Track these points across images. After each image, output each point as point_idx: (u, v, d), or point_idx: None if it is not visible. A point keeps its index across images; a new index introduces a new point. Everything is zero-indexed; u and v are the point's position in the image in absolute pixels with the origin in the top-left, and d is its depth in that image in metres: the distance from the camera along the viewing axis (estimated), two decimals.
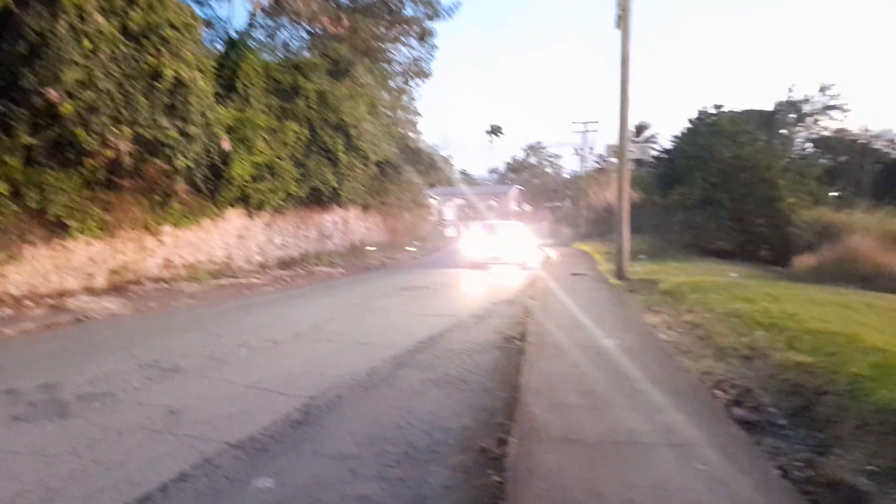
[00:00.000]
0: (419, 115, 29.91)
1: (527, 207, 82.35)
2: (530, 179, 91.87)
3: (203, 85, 12.42)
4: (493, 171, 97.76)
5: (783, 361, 5.40)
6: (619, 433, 3.90)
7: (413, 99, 29.74)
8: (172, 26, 11.50)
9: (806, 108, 40.85)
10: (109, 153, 10.70)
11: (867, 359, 5.08)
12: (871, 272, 13.17)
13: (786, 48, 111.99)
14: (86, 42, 9.85)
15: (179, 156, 11.96)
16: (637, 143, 28.29)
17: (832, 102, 39.69)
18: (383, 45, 25.33)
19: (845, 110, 39.30)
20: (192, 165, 12.54)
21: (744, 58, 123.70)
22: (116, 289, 11.75)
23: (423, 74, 28.28)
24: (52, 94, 9.57)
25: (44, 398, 5.15)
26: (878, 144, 39.81)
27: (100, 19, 10.01)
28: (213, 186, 14.32)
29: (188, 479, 3.56)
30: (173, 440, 4.16)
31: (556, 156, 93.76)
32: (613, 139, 14.06)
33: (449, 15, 25.85)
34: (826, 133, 40.25)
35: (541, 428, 4.01)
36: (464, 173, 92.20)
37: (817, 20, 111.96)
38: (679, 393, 4.77)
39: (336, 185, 19.93)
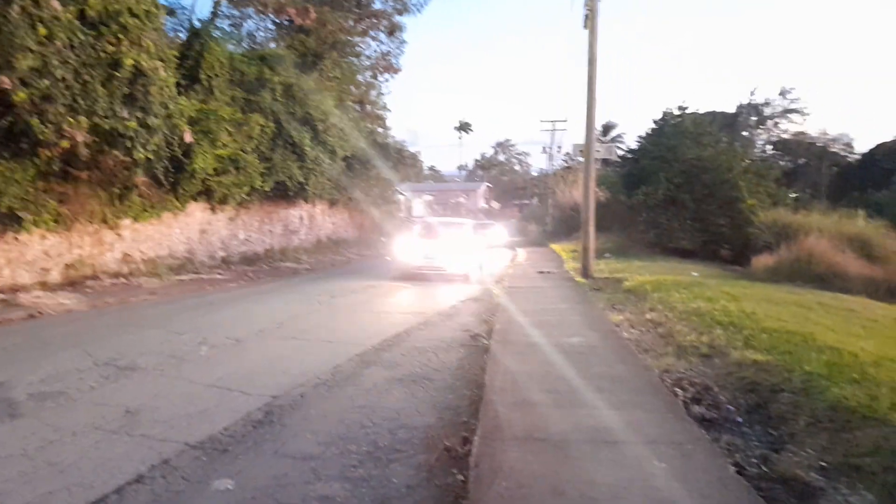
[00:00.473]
0: (388, 110, 29.82)
1: (495, 205, 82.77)
2: (499, 177, 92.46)
3: (164, 75, 12.10)
4: (462, 167, 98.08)
5: (741, 359, 5.53)
6: (582, 431, 3.94)
7: (382, 94, 29.62)
8: (133, 14, 11.16)
9: (767, 111, 41.95)
10: (66, 144, 10.35)
11: (821, 357, 5.24)
12: (826, 272, 13.61)
13: (749, 52, 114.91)
14: (41, 28, 9.49)
15: (139, 147, 11.63)
16: (604, 142, 28.68)
17: (792, 106, 40.85)
18: (352, 39, 25.13)
19: (804, 114, 40.51)
20: (152, 158, 12.21)
21: (709, 60, 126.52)
22: (72, 284, 11.39)
23: (393, 69, 28.19)
24: (5, 81, 9.19)
25: None
26: (835, 147, 41.13)
27: (56, 5, 9.66)
28: (175, 179, 13.97)
29: (145, 481, 3.47)
30: (130, 441, 4.05)
31: (525, 154, 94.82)
32: (581, 138, 14.21)
33: (418, 10, 25.88)
34: (786, 136, 41.38)
35: (505, 426, 4.03)
36: (433, 170, 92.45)
37: (780, 25, 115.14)
38: (641, 391, 4.85)
39: (302, 180, 19.68)
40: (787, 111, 41.17)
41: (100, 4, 10.54)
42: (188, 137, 13.46)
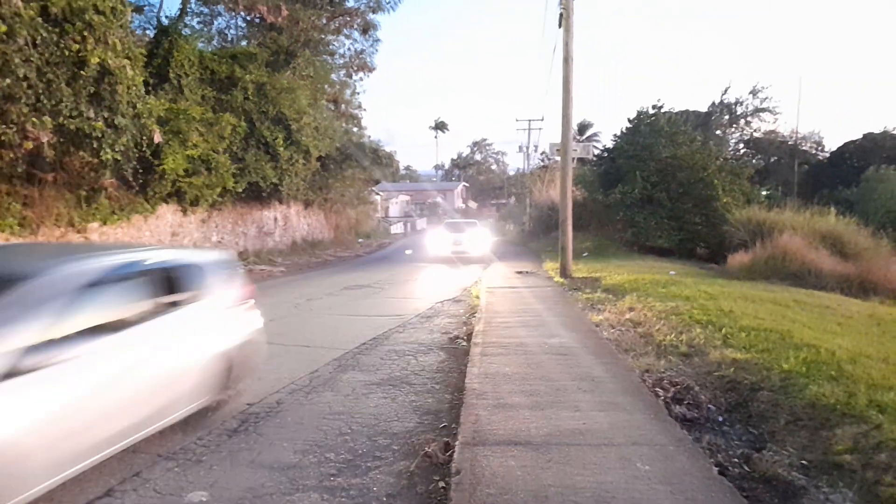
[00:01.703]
0: (363, 109, 29.64)
1: (472, 204, 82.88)
2: (476, 176, 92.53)
3: (132, 73, 11.81)
4: (438, 167, 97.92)
5: (720, 358, 5.54)
6: (563, 434, 3.89)
7: (357, 93, 29.39)
8: (98, 11, 10.87)
9: (738, 109, 42.48)
10: (29, 145, 10.03)
11: (799, 355, 5.27)
12: (800, 269, 13.78)
13: (722, 52, 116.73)
14: (1, 25, 9.18)
15: (107, 148, 11.33)
16: (580, 141, 28.83)
17: (763, 105, 41.43)
18: (325, 37, 24.89)
19: (775, 113, 41.09)
20: (120, 158, 11.90)
21: (682, 60, 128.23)
22: None
23: (367, 68, 27.98)
24: None
25: None
26: (805, 146, 41.85)
27: (17, 1, 9.35)
28: (144, 181, 13.67)
29: (115, 495, 3.36)
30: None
31: (502, 153, 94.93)
32: (558, 137, 14.22)
33: (392, 8, 25.69)
34: (757, 134, 41.98)
35: (486, 430, 3.96)
36: (409, 169, 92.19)
37: (752, 26, 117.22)
38: (622, 391, 4.81)
39: (276, 181, 19.43)
40: (758, 110, 41.74)
41: (63, 1, 10.24)
42: (157, 137, 13.16)
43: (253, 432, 4.30)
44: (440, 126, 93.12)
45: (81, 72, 10.62)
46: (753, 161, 36.88)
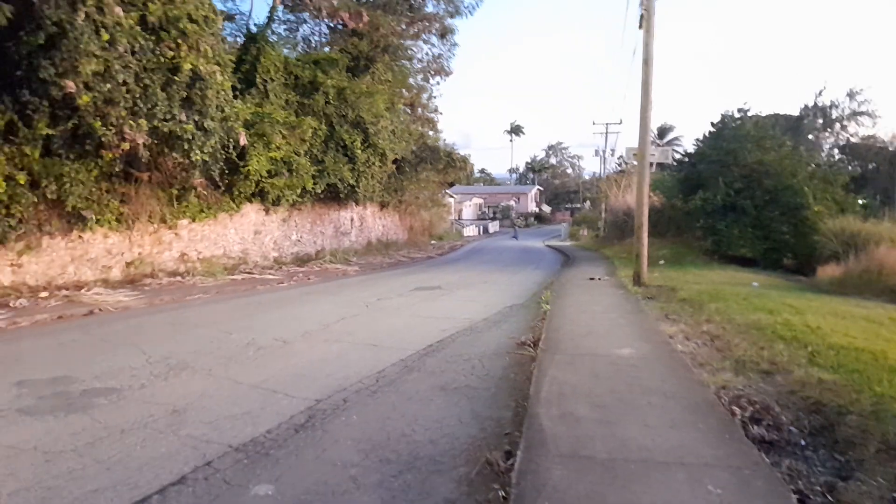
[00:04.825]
0: (439, 113, 29.82)
1: (546, 208, 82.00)
2: (550, 180, 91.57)
3: (221, 79, 12.44)
4: (512, 170, 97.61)
5: (805, 378, 5.20)
6: (630, 450, 3.75)
7: (433, 97, 29.68)
8: (192, 19, 11.52)
9: (834, 113, 39.99)
10: (126, 146, 10.75)
11: (893, 378, 4.87)
12: None
13: (815, 52, 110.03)
14: (104, 34, 9.89)
15: (196, 150, 11.99)
16: (659, 146, 27.91)
17: (861, 108, 38.81)
18: (404, 42, 25.29)
19: (875, 116, 38.40)
20: (209, 160, 12.58)
21: (770, 61, 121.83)
22: (132, 281, 11.82)
23: (444, 72, 28.22)
24: (70, 85, 9.62)
25: (50, 392, 5.14)
26: None
27: (118, 11, 10.04)
28: (230, 181, 14.37)
29: (187, 482, 3.50)
30: (175, 440, 4.10)
31: (577, 157, 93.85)
32: (636, 140, 13.81)
33: (470, 12, 25.86)
34: (854, 139, 39.32)
35: (549, 441, 3.88)
36: (483, 172, 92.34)
37: (849, 23, 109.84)
38: (695, 408, 4.60)
39: (353, 183, 19.93)
40: (855, 113, 39.15)
41: (160, 10, 10.92)
42: (243, 140, 13.81)
43: (319, 428, 4.39)
44: (515, 129, 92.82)
45: (175, 77, 11.29)
46: (849, 168, 34.53)
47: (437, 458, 3.89)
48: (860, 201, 26.76)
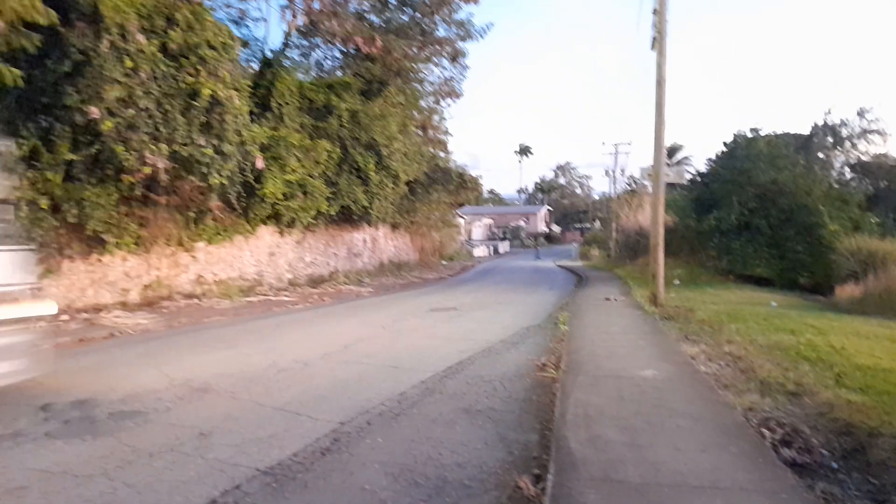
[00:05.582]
0: (449, 134, 29.98)
1: (555, 228, 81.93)
2: (559, 200, 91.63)
3: (238, 103, 12.64)
4: (521, 190, 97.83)
5: (833, 399, 5.14)
6: (663, 474, 3.70)
7: (444, 118, 29.87)
8: (211, 46, 11.75)
9: (843, 131, 39.78)
10: (147, 170, 10.90)
11: None
12: None
13: (823, 70, 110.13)
14: (127, 61, 10.11)
15: (214, 173, 12.13)
16: (671, 165, 27.92)
17: (871, 126, 38.60)
18: (415, 66, 25.54)
19: (885, 134, 38.14)
20: (226, 183, 12.72)
21: (778, 80, 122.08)
22: (150, 304, 11.90)
23: (455, 94, 28.42)
24: (94, 111, 9.81)
25: (77, 415, 5.17)
26: None
27: (141, 39, 10.26)
28: (246, 204, 14.50)
29: None
30: (203, 464, 4.10)
31: (587, 176, 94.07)
32: (645, 160, 13.83)
33: (481, 36, 26.07)
34: (865, 158, 39.07)
35: (580, 465, 3.84)
36: (493, 193, 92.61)
37: (857, 42, 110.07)
38: (724, 430, 4.55)
39: (366, 204, 20.05)
40: (866, 132, 38.93)
41: (180, 38, 11.15)
42: (260, 163, 13.96)
43: (345, 451, 4.38)
44: (524, 150, 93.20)
45: (194, 102, 11.48)
46: (861, 186, 34.32)
47: (465, 483, 3.86)
48: (874, 220, 26.56)
